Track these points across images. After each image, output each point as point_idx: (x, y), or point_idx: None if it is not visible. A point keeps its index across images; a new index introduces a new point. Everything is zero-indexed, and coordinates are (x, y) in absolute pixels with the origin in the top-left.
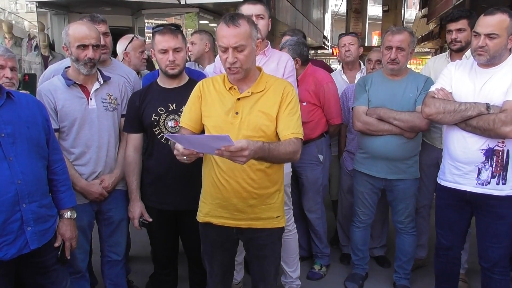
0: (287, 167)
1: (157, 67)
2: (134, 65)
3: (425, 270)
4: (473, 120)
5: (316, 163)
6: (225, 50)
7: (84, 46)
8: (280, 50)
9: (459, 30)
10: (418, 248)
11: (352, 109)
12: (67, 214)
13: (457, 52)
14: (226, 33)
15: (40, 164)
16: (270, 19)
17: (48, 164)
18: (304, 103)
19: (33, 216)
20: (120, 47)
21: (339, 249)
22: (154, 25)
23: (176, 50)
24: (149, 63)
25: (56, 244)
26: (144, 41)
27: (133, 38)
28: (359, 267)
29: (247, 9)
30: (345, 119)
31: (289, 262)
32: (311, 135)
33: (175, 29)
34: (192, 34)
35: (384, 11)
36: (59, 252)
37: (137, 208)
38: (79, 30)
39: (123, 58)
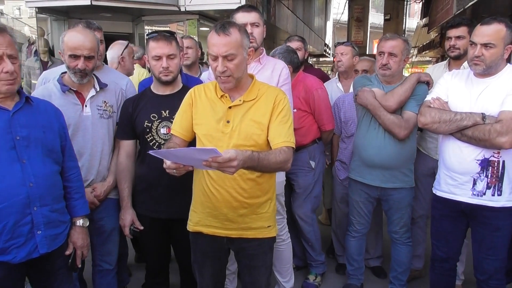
0: (281, 176)
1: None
2: (128, 70)
3: (422, 282)
4: (469, 130)
5: (307, 169)
6: (215, 58)
7: (75, 56)
8: None
9: (459, 37)
10: (414, 259)
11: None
12: (80, 222)
13: (455, 60)
14: (216, 42)
15: (54, 169)
16: (265, 25)
17: (63, 171)
18: (295, 110)
19: (44, 220)
20: (115, 52)
21: (335, 259)
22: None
23: (170, 56)
24: None
25: (67, 252)
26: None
27: (128, 44)
28: (354, 277)
29: (241, 17)
30: (337, 129)
31: (282, 272)
32: (303, 141)
33: (170, 36)
34: (183, 38)
35: (385, 20)
36: (70, 260)
37: (128, 216)
38: (73, 39)
39: (119, 62)
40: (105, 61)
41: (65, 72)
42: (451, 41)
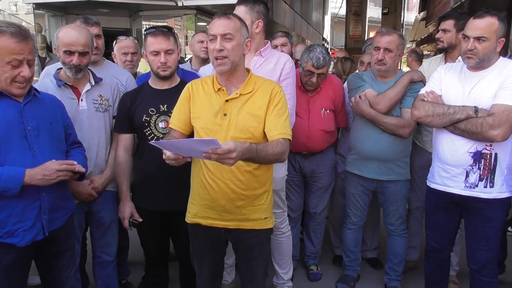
0: (282, 172)
1: None
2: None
3: (417, 272)
4: (462, 123)
5: (333, 165)
6: (214, 38)
7: (70, 52)
8: (321, 67)
9: (444, 30)
10: (410, 250)
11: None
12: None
13: (442, 52)
14: (216, 23)
15: (60, 158)
16: (259, 20)
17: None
18: (328, 111)
19: (49, 206)
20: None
21: (331, 251)
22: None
23: (168, 52)
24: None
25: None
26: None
27: (117, 39)
28: (350, 268)
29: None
30: None
31: (281, 263)
32: (332, 141)
33: (167, 31)
34: (201, 32)
35: (383, 14)
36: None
37: (127, 208)
38: (67, 36)
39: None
40: (105, 56)
41: (61, 68)
42: (439, 33)
